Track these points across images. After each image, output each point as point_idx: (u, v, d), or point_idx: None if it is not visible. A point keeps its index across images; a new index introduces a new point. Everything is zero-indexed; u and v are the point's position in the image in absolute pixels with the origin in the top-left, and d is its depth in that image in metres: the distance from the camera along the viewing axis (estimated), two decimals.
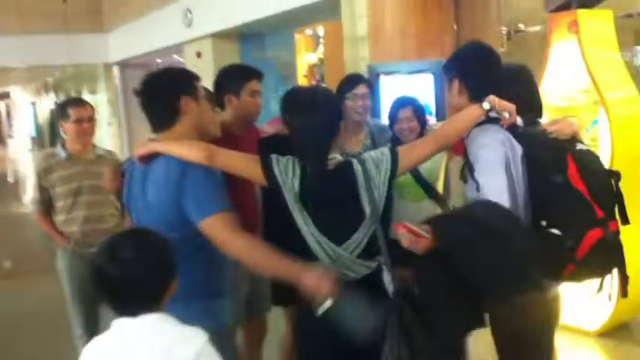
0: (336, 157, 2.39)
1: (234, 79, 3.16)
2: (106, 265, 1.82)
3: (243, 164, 2.38)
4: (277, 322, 3.52)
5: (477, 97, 2.51)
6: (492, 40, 6.86)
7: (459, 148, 2.73)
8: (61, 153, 4.00)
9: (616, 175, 2.57)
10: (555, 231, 2.36)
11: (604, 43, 4.30)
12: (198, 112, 2.44)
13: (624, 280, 2.57)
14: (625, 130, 4.14)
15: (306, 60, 6.97)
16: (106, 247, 1.85)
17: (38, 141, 29.84)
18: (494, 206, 2.31)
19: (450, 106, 2.74)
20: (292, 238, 2.37)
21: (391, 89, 5.20)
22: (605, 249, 2.40)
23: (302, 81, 7.21)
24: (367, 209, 2.31)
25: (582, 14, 4.19)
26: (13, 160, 25.72)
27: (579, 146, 2.53)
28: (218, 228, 2.26)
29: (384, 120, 3.61)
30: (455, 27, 6.88)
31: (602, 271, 2.55)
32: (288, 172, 2.32)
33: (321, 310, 2.19)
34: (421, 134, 3.39)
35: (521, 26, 7.62)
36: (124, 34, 16.13)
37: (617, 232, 2.49)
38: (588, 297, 4.31)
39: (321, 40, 6.98)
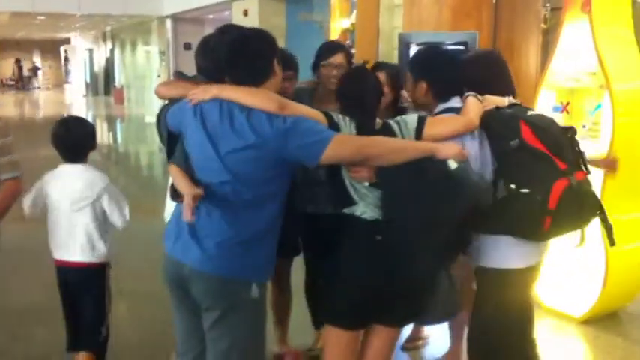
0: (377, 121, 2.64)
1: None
2: (59, 129, 3.20)
3: (310, 113, 2.48)
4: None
5: (442, 98, 2.73)
6: (532, 16, 6.84)
7: None
8: None
9: (571, 130, 2.70)
10: (524, 190, 2.53)
11: (617, 26, 4.26)
12: (279, 76, 2.55)
13: (608, 228, 2.71)
14: (627, 117, 4.14)
15: (339, 25, 7.07)
16: (60, 121, 3.27)
17: (92, 87, 30.63)
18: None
19: (412, 98, 2.87)
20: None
21: None
22: (574, 197, 2.54)
23: None
24: None
25: None
26: (68, 104, 26.49)
27: (530, 112, 2.71)
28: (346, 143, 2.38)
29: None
30: (494, 1, 6.85)
31: (579, 220, 2.65)
32: (344, 126, 2.54)
33: (452, 167, 2.38)
34: (394, 100, 3.32)
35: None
36: None
37: (586, 182, 2.63)
38: (575, 280, 4.40)
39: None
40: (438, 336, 3.82)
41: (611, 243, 2.74)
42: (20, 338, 4.14)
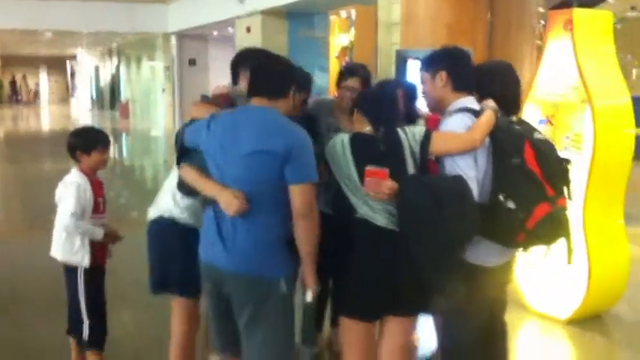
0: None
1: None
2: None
3: None
4: None
5: (461, 88, 2.93)
6: (527, 33, 7.07)
7: (434, 125, 3.13)
8: None
9: (567, 161, 2.94)
10: (511, 204, 2.77)
11: (598, 44, 4.52)
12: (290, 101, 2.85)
13: (569, 250, 2.94)
14: (608, 131, 4.38)
15: (339, 41, 7.29)
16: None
17: (98, 103, 30.96)
18: (461, 184, 2.70)
19: (428, 96, 3.03)
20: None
21: (417, 74, 5.47)
22: (551, 222, 2.78)
23: (334, 62, 7.50)
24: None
25: (578, 14, 4.41)
26: (74, 118, 26.80)
27: (537, 135, 2.93)
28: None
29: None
30: (489, 17, 7.04)
31: (548, 241, 2.90)
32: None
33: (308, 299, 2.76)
34: (409, 115, 3.63)
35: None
36: (183, 5, 16.78)
37: (564, 207, 2.87)
38: (560, 284, 4.59)
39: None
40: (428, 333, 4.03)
41: (569, 261, 2.97)
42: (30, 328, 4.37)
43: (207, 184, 2.71)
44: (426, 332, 3.99)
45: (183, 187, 2.95)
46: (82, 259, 3.36)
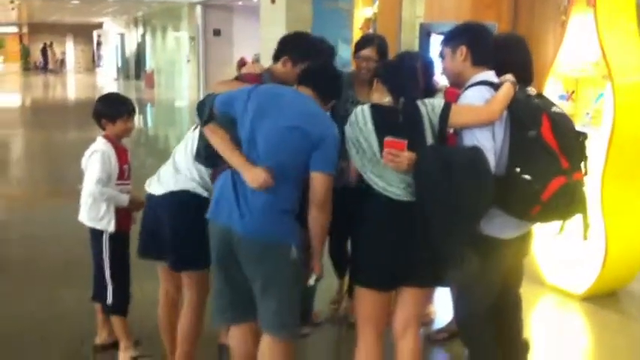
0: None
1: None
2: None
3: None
4: None
5: (480, 63, 2.97)
6: (551, 8, 7.02)
7: (453, 98, 3.17)
8: None
9: (584, 135, 2.97)
10: (527, 176, 2.81)
11: (621, 20, 4.48)
12: None
13: (586, 226, 2.98)
14: (628, 108, 4.37)
15: (362, 13, 7.29)
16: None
17: (123, 72, 31.13)
18: (476, 154, 2.74)
19: (448, 71, 3.07)
20: None
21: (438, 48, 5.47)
22: (567, 195, 2.81)
23: (357, 34, 7.50)
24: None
25: None
26: (100, 87, 27.05)
27: (555, 109, 2.95)
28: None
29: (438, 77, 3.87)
30: None
31: (564, 214, 2.93)
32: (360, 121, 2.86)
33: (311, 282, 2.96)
34: (427, 90, 3.65)
35: None
36: None
37: (581, 182, 2.90)
38: (576, 259, 4.61)
39: None
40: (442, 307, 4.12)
41: (585, 237, 3.00)
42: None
43: (234, 153, 2.80)
44: (442, 304, 4.10)
45: (201, 156, 3.01)
46: (107, 224, 3.46)
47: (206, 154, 2.99)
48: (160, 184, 3.23)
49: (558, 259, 4.75)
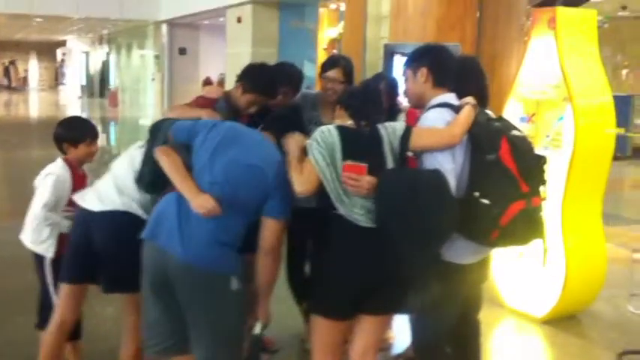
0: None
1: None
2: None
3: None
4: None
5: (441, 85, 2.95)
6: (515, 29, 7.08)
7: (413, 119, 3.14)
8: None
9: (543, 159, 2.94)
10: (485, 201, 2.77)
11: (582, 43, 4.52)
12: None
13: (544, 251, 2.97)
14: (589, 130, 4.39)
15: (327, 34, 7.28)
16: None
17: (87, 90, 30.81)
18: (438, 175, 2.70)
19: (410, 92, 3.05)
20: None
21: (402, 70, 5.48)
22: (525, 220, 2.78)
23: (322, 54, 7.49)
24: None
25: (562, 12, 4.43)
26: (63, 105, 26.66)
27: (514, 132, 2.93)
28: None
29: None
30: (477, 14, 7.07)
31: (523, 240, 2.91)
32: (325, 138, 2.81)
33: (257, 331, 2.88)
34: (391, 109, 3.67)
35: None
36: None
37: (539, 207, 2.88)
38: (536, 282, 4.58)
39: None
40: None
41: (543, 264, 2.98)
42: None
43: (185, 177, 2.72)
44: (400, 329, 4.02)
45: (143, 182, 2.92)
46: (47, 249, 3.31)
47: (149, 180, 2.91)
48: (100, 200, 3.07)
49: (518, 282, 4.72)
